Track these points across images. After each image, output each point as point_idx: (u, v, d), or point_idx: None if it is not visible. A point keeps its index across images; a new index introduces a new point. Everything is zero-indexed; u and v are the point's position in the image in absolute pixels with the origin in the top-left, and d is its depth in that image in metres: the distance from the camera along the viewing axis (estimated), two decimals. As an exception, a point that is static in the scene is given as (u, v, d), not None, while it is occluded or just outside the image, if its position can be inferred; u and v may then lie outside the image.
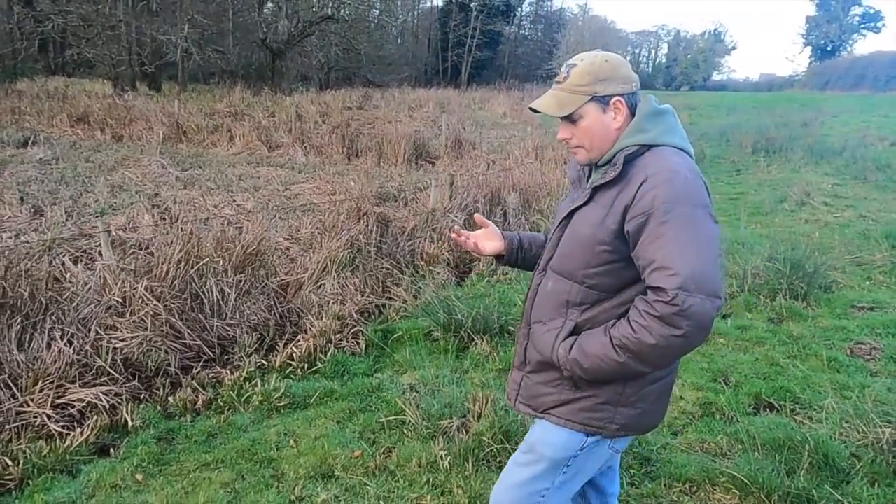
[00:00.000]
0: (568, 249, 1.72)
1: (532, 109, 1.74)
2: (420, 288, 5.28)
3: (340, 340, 4.45)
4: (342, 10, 31.98)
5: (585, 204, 1.70)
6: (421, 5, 52.30)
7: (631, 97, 1.68)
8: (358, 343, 4.46)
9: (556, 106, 1.68)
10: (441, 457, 3.07)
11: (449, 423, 3.34)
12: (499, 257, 2.07)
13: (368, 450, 3.20)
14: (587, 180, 1.81)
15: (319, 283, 5.06)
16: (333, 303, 4.82)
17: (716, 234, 1.54)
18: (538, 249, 2.02)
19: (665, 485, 2.91)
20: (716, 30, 70.65)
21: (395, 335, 4.56)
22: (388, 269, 5.59)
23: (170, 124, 14.60)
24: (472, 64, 47.51)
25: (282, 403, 3.64)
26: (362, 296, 5.06)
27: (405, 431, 3.35)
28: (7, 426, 3.23)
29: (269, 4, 31.80)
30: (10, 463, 2.97)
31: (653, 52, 78.13)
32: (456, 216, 6.72)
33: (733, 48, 75.41)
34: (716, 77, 70.95)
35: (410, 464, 3.05)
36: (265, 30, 29.31)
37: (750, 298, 5.29)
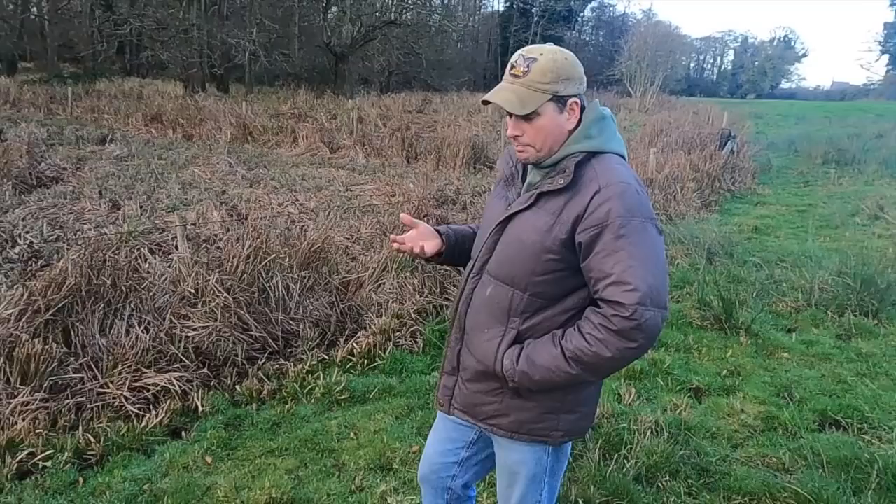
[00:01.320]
0: (509, 255, 1.64)
1: (485, 102, 1.64)
2: (477, 290, 5.32)
3: (399, 338, 4.54)
4: (405, 15, 32.41)
5: (527, 208, 1.63)
6: (482, 10, 52.48)
7: (582, 99, 1.65)
8: (416, 342, 4.54)
9: (518, 103, 1.57)
10: (497, 456, 3.11)
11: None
12: (437, 255, 1.93)
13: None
14: (521, 179, 1.74)
15: (379, 283, 5.17)
16: (392, 302, 4.92)
17: (663, 247, 1.57)
18: (467, 243, 1.93)
19: (724, 497, 2.87)
20: (785, 36, 68.55)
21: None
22: (446, 270, 5.66)
23: (237, 125, 15.11)
24: (531, 69, 47.28)
25: (342, 397, 3.75)
26: (420, 296, 5.14)
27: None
28: (90, 405, 3.44)
29: (334, 9, 32.50)
30: (92, 439, 3.16)
31: (718, 58, 76.20)
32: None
33: (804, 55, 72.74)
34: (784, 85, 68.76)
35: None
36: (329, 34, 29.97)
37: (817, 313, 5.15)
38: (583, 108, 1.64)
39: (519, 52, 1.63)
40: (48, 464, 2.97)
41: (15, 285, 4.25)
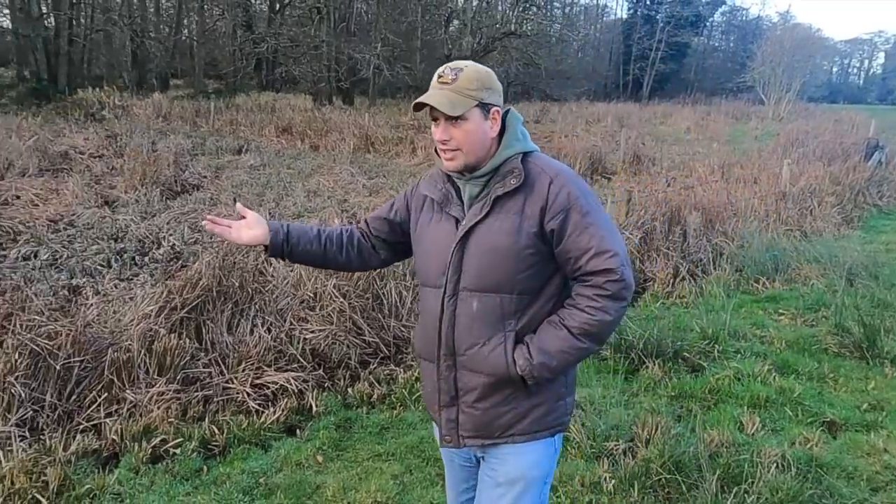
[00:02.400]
0: (487, 265, 1.69)
1: (419, 104, 1.69)
2: (590, 305, 5.19)
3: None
4: (525, 26, 32.41)
5: (486, 217, 1.69)
6: (604, 18, 51.48)
7: (502, 112, 1.75)
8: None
9: (449, 105, 1.66)
10: (605, 479, 3.00)
11: (615, 446, 3.26)
12: (266, 249, 1.94)
13: (531, 462, 3.21)
14: (458, 197, 1.78)
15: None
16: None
17: None
18: (307, 246, 1.94)
19: (861, 545, 2.60)
20: (948, 36, 61.72)
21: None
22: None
23: (360, 136, 15.73)
24: (654, 77, 45.81)
25: (449, 406, 3.76)
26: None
27: (569, 448, 3.31)
28: (216, 398, 3.69)
29: (455, 22, 33.10)
30: (216, 431, 3.38)
31: (866, 61, 70.08)
32: (632, 233, 6.53)
33: (971, 56, 65.19)
34: (946, 89, 61.89)
35: (573, 481, 3.02)
36: (450, 46, 30.53)
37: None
38: (503, 119, 1.75)
39: (444, 65, 1.75)
40: (177, 451, 3.21)
41: (157, 284, 4.64)
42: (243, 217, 1.94)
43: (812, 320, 5.21)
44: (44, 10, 24.65)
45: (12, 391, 3.26)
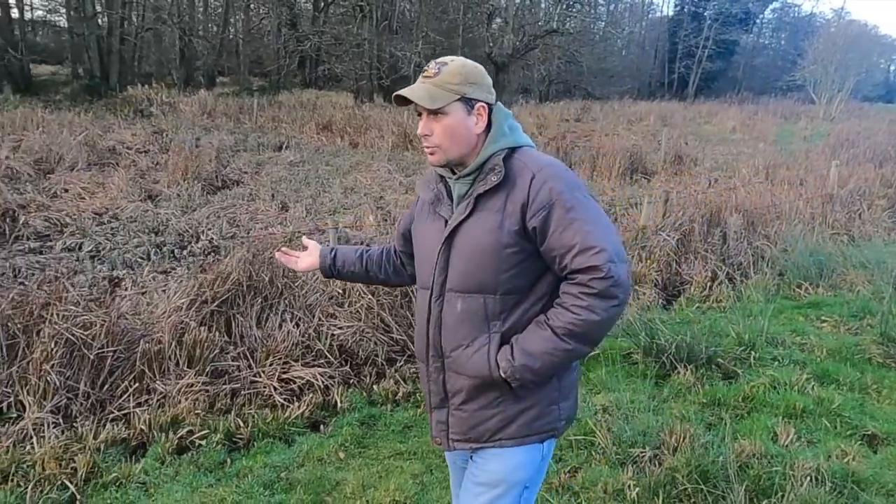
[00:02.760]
0: (470, 265, 1.66)
1: (398, 97, 1.66)
2: (623, 307, 5.09)
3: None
4: (568, 23, 32.05)
5: (469, 216, 1.66)
6: (650, 15, 50.60)
7: (491, 108, 1.70)
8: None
9: (428, 98, 1.63)
10: (629, 486, 2.93)
11: (641, 452, 3.19)
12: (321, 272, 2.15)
13: (554, 466, 3.16)
14: (448, 196, 1.76)
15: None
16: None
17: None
18: (351, 267, 2.11)
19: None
20: None
21: (592, 353, 4.45)
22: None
23: (398, 133, 15.77)
24: (701, 75, 44.74)
25: (474, 406, 3.73)
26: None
27: (593, 454, 3.26)
28: (243, 392, 3.73)
29: (498, 20, 32.94)
30: (241, 424, 3.42)
31: (927, 60, 67.10)
32: (669, 235, 6.38)
33: None
34: None
35: (596, 487, 2.96)
36: (491, 44, 30.40)
37: None
38: (490, 115, 1.70)
39: (431, 60, 1.73)
40: (203, 443, 3.26)
41: (191, 277, 4.73)
42: (306, 248, 2.20)
43: (856, 328, 5.02)
44: (98, 8, 25.37)
45: (48, 379, 3.36)
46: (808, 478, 2.92)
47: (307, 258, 2.16)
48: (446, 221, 1.73)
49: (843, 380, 4.11)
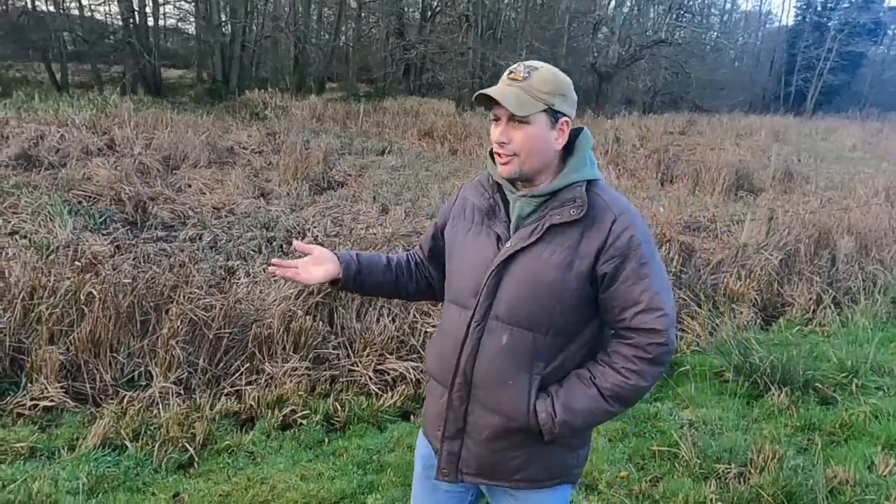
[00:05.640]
0: (525, 297, 1.52)
1: (483, 95, 1.52)
2: (717, 325, 5.01)
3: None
4: (677, 34, 31.20)
5: (534, 244, 1.51)
6: (767, 26, 48.29)
7: (573, 128, 1.59)
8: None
9: (516, 103, 1.49)
10: (711, 500, 2.94)
11: (726, 468, 3.17)
12: (334, 282, 1.78)
13: (635, 473, 3.21)
14: (505, 212, 1.61)
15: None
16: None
17: None
18: (379, 276, 1.81)
19: None
20: None
21: (682, 368, 4.42)
22: (684, 299, 5.41)
23: (497, 141, 15.94)
24: (821, 89, 42.22)
25: (558, 410, 3.82)
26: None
27: (676, 465, 3.27)
28: (341, 379, 4.00)
29: (604, 29, 32.54)
30: (339, 408, 3.68)
31: None
32: (772, 254, 6.18)
33: None
34: None
35: (677, 498, 2.98)
36: (595, 54, 30.10)
37: None
38: (573, 135, 1.59)
39: (518, 63, 1.60)
40: (304, 422, 3.54)
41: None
42: (306, 254, 1.77)
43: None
44: (223, 18, 27.26)
45: (173, 353, 3.76)
46: (905, 510, 2.82)
47: (318, 268, 1.75)
48: (498, 237, 1.59)
49: (957, 415, 3.87)
